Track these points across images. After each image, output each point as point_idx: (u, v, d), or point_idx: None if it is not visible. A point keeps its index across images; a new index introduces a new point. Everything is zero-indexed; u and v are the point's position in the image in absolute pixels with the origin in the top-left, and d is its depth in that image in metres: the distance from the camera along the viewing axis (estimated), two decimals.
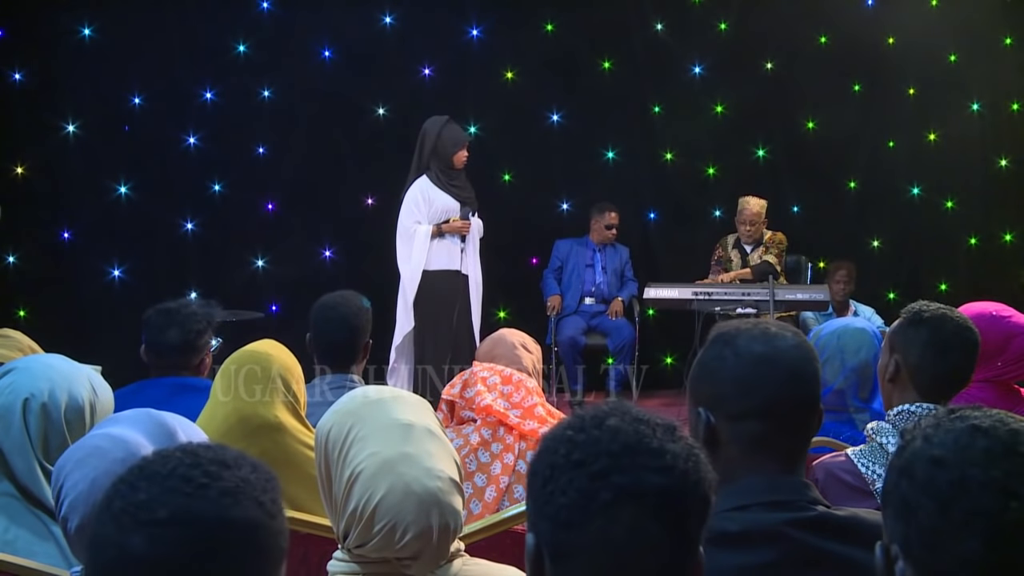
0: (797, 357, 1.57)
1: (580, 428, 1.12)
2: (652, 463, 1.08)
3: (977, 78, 7.35)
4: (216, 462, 1.04)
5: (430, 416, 1.73)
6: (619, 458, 1.08)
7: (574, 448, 1.10)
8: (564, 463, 1.09)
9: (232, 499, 1.01)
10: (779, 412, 1.54)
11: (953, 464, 1.04)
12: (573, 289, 6.86)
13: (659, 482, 1.08)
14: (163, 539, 0.97)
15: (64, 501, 1.55)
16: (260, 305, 6.54)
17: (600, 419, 1.12)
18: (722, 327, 1.64)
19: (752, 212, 6.56)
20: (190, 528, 0.98)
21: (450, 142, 5.73)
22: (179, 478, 1.01)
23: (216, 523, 0.99)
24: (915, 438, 1.11)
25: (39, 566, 1.90)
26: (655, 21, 7.22)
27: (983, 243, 7.51)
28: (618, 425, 1.11)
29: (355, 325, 3.08)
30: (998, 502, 1.01)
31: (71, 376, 2.09)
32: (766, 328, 1.60)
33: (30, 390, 2.03)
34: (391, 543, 1.58)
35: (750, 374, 1.54)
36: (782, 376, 1.55)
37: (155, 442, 1.59)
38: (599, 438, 1.10)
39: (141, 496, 1.00)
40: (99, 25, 6.60)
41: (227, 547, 0.99)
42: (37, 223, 6.61)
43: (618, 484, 1.07)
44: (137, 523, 0.98)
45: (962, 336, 2.25)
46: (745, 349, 1.56)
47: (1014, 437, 1.05)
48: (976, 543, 1.01)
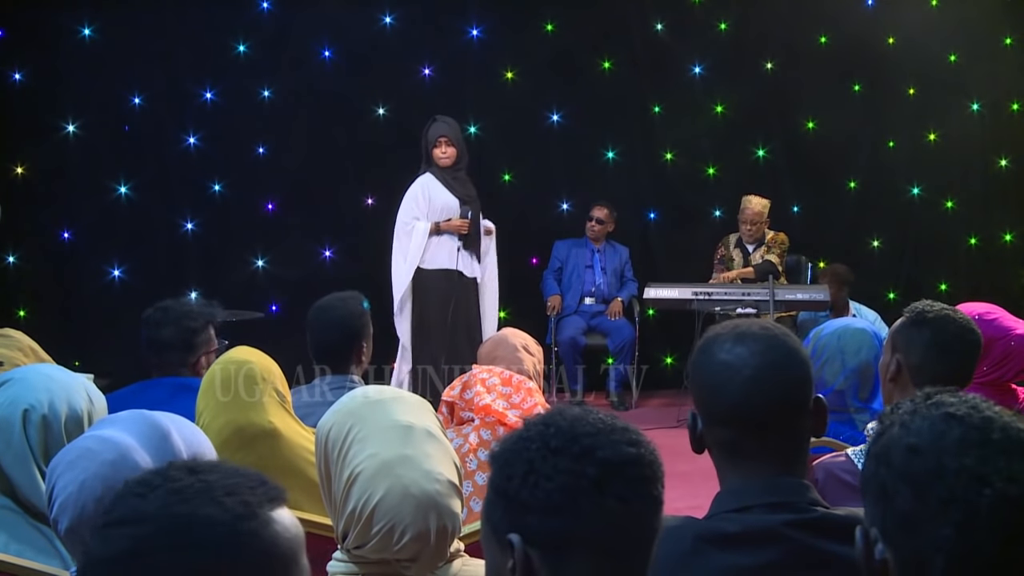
0: (760, 364, 1.53)
1: (546, 424, 1.19)
2: (624, 438, 1.19)
3: (977, 78, 7.35)
4: (184, 469, 1.04)
5: (430, 417, 1.72)
6: (596, 437, 1.17)
7: (548, 439, 1.17)
8: (542, 453, 1.16)
9: (179, 497, 1.00)
10: (743, 419, 1.53)
11: (928, 452, 1.07)
12: (573, 289, 6.87)
13: (636, 452, 1.18)
14: (111, 538, 0.99)
15: (55, 502, 1.55)
16: (260, 305, 6.53)
17: (559, 414, 1.21)
18: (711, 328, 1.64)
19: (753, 211, 6.56)
20: (136, 526, 0.98)
21: (429, 139, 5.75)
22: (136, 483, 1.03)
23: (163, 519, 0.98)
24: (892, 424, 1.13)
25: (39, 566, 1.90)
26: (655, 21, 7.22)
27: (983, 243, 7.51)
28: (580, 414, 1.20)
29: (351, 327, 3.08)
30: (972, 489, 1.03)
31: (68, 386, 2.07)
32: (742, 332, 1.57)
33: (29, 401, 2.00)
34: (389, 544, 1.58)
35: (715, 381, 1.55)
36: (740, 384, 1.53)
37: (147, 444, 1.58)
38: (571, 426, 1.18)
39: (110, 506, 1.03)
40: (99, 25, 6.60)
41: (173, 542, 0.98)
42: (37, 223, 6.61)
43: (602, 458, 1.15)
44: (95, 528, 1.01)
45: (965, 337, 2.25)
46: (716, 354, 1.56)
47: (987, 424, 1.08)
48: (950, 529, 1.03)
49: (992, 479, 1.03)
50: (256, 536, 1.00)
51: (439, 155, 5.72)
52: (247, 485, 1.03)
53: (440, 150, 5.71)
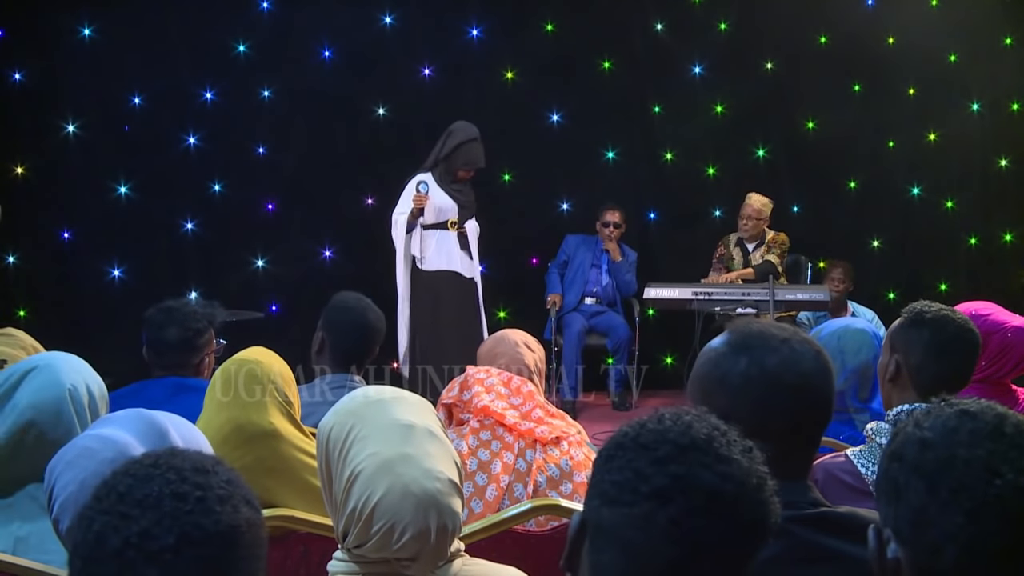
0: (822, 384, 1.55)
1: (657, 419, 1.14)
2: (715, 465, 1.08)
3: (977, 78, 7.35)
4: (197, 471, 1.01)
5: (431, 417, 1.72)
6: (685, 451, 1.08)
7: (642, 432, 1.12)
8: (630, 444, 1.11)
9: (230, 506, 0.99)
10: (795, 434, 1.54)
11: (940, 445, 1.08)
12: (576, 287, 6.84)
13: (716, 484, 1.07)
14: (177, 565, 0.94)
15: (55, 502, 1.55)
16: (260, 305, 6.54)
17: (678, 415, 1.14)
18: (745, 332, 1.59)
19: (753, 208, 6.57)
20: (202, 546, 0.95)
21: (463, 159, 5.78)
22: (172, 496, 0.97)
23: (227, 532, 0.97)
24: (907, 425, 1.15)
25: (39, 566, 1.90)
26: (655, 21, 7.22)
27: (983, 243, 7.52)
28: (693, 423, 1.12)
29: (378, 331, 3.10)
30: (982, 479, 1.04)
31: (87, 370, 2.20)
32: (791, 344, 1.56)
33: (70, 382, 2.10)
34: (389, 543, 1.58)
35: (774, 399, 1.52)
36: (808, 403, 1.54)
37: (146, 442, 1.59)
38: (670, 428, 1.11)
39: (139, 525, 0.95)
40: (99, 25, 6.60)
41: (237, 551, 0.98)
42: (37, 223, 6.61)
43: (675, 473, 1.07)
44: (147, 556, 0.94)
45: (964, 338, 2.25)
46: (775, 374, 1.52)
47: (1000, 420, 1.09)
48: (961, 518, 1.04)
49: (1003, 469, 1.04)
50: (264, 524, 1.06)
51: (463, 176, 5.82)
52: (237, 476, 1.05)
53: (468, 174, 5.79)
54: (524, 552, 2.26)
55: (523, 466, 2.65)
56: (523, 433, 2.68)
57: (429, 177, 5.77)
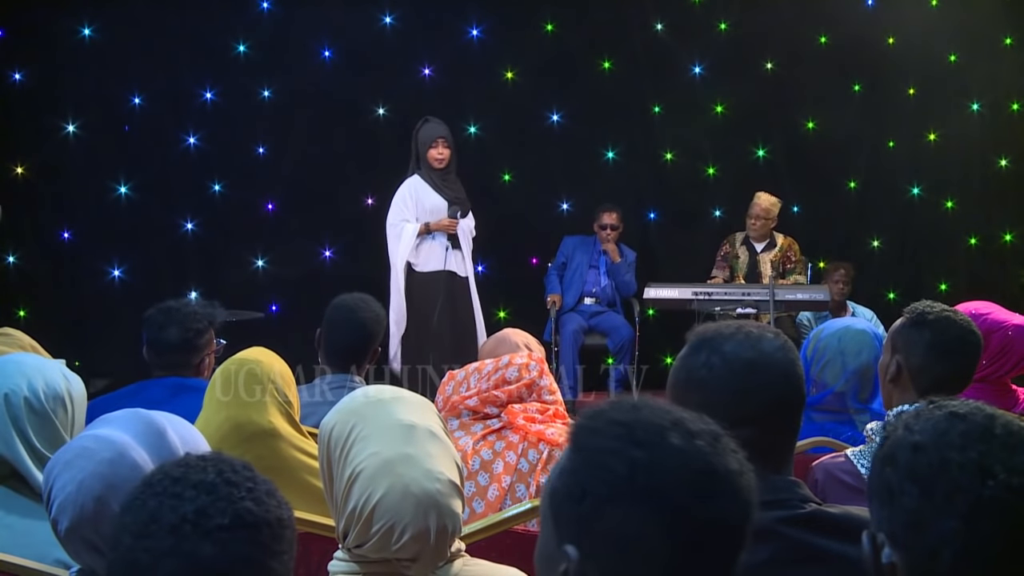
0: (785, 360, 1.57)
1: (636, 443, 1.02)
2: (732, 496, 1.02)
3: (977, 78, 7.35)
4: (245, 467, 1.09)
5: (433, 417, 1.72)
6: (697, 488, 1.00)
7: (636, 470, 1.00)
8: (626, 487, 1.00)
9: (275, 500, 1.07)
10: (773, 417, 1.55)
11: (932, 448, 1.08)
12: (574, 287, 6.83)
13: (740, 519, 1.03)
14: (231, 543, 0.99)
15: (54, 503, 1.55)
16: (260, 305, 6.53)
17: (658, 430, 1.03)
18: (701, 331, 1.62)
19: (762, 208, 6.55)
20: (255, 530, 1.01)
21: (423, 140, 5.71)
22: (225, 483, 1.04)
23: (275, 523, 1.04)
24: (896, 428, 1.14)
25: (39, 566, 1.90)
26: (655, 21, 7.22)
27: (983, 243, 7.51)
28: (681, 445, 1.02)
29: (371, 331, 3.10)
30: (976, 481, 1.04)
31: (42, 368, 2.14)
32: (748, 331, 1.59)
33: (8, 387, 2.06)
34: (389, 544, 1.58)
35: (742, 381, 1.54)
36: (776, 381, 1.55)
37: (144, 442, 1.58)
38: (663, 460, 1.00)
39: (195, 504, 1.01)
40: (99, 25, 6.60)
41: (281, 544, 1.05)
42: (37, 223, 6.61)
43: (702, 520, 1.00)
44: (203, 532, 1.00)
45: (966, 339, 2.25)
46: (733, 355, 1.55)
47: (990, 420, 1.09)
48: (956, 521, 1.04)
49: (996, 470, 1.04)
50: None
51: (435, 156, 5.67)
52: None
53: (437, 151, 5.67)
54: (524, 552, 2.26)
55: (525, 466, 2.64)
56: (532, 434, 2.67)
57: (417, 180, 5.72)
